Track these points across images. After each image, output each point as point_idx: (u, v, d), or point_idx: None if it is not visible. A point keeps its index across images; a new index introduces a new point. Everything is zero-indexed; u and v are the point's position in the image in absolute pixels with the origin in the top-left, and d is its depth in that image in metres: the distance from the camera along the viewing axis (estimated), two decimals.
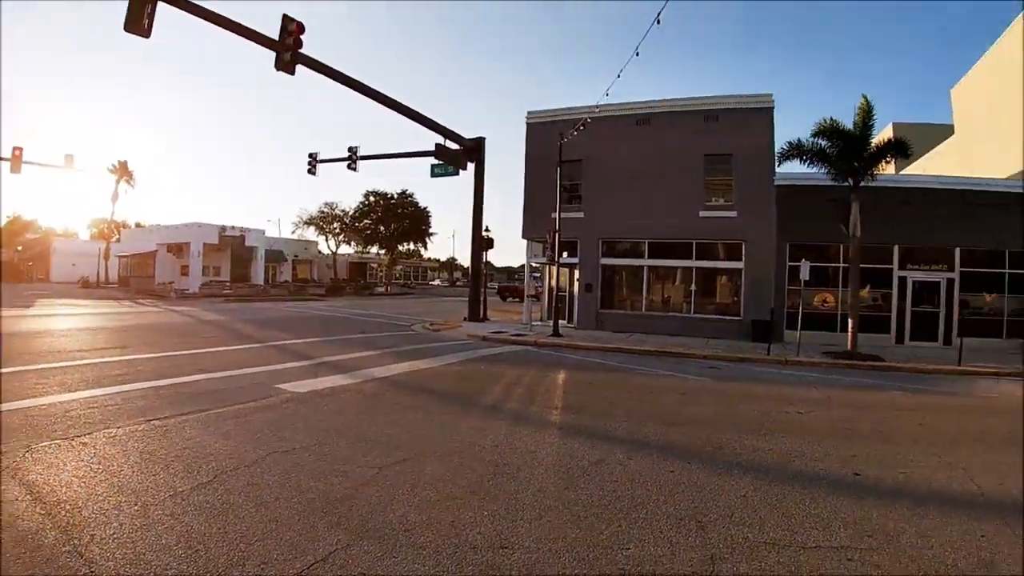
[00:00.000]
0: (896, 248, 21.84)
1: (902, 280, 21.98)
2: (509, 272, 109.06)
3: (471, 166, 26.43)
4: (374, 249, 70.62)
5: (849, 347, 18.07)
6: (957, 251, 21.88)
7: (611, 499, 5.27)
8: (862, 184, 18.61)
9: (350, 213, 65.95)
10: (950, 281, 21.91)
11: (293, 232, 68.60)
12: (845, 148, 18.39)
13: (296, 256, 67.30)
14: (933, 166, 33.65)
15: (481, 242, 27.21)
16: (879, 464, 6.79)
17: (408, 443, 6.82)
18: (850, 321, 18.27)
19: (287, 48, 17.84)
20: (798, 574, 3.99)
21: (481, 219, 26.76)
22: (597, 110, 21.24)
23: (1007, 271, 21.90)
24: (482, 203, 26.74)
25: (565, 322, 23.77)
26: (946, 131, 36.13)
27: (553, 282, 23.86)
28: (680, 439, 7.60)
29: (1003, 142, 27.38)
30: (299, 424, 7.48)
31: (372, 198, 65.37)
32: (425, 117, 24.05)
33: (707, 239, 23.01)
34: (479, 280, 27.11)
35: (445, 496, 5.15)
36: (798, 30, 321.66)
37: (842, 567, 4.12)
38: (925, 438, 8.34)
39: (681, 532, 4.58)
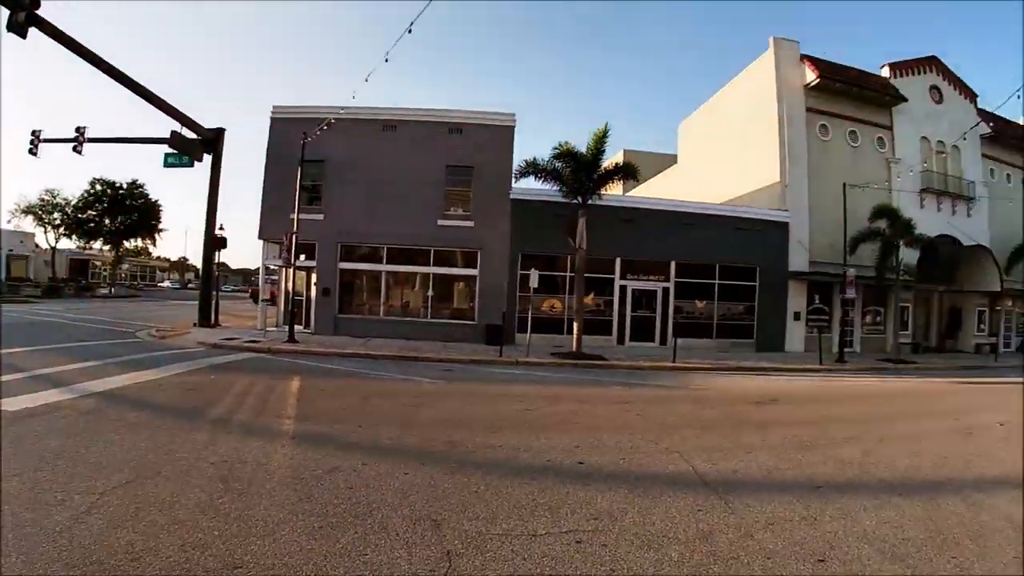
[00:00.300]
0: (618, 260, 24.39)
1: (623, 288, 24.59)
2: (246, 274, 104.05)
3: (208, 159, 24.42)
4: (98, 245, 62.53)
5: (575, 348, 19.57)
6: (673, 264, 25.01)
7: (347, 506, 5.13)
8: (590, 202, 20.36)
9: (72, 203, 57.94)
10: (666, 290, 24.98)
11: (9, 221, 58.27)
12: (577, 169, 19.91)
13: (11, 251, 57.43)
14: (659, 189, 38.22)
15: (214, 241, 25.28)
16: (601, 452, 7.29)
17: (131, 463, 6.06)
18: (575, 324, 19.89)
19: (22, 7, 15.11)
20: (530, 560, 4.15)
21: (215, 216, 24.68)
22: (342, 111, 20.73)
23: (716, 281, 25.68)
24: (216, 199, 24.72)
25: (302, 328, 22.86)
26: (672, 160, 41.86)
27: (290, 286, 22.91)
28: (414, 441, 7.57)
29: (716, 172, 32.10)
30: (7, 448, 6.32)
31: (99, 187, 57.72)
32: (161, 100, 21.41)
33: (445, 246, 23.57)
34: (210, 282, 25.18)
35: (172, 519, 4.68)
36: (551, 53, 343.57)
37: (571, 549, 4.36)
38: (643, 427, 9.09)
39: (417, 532, 4.60)
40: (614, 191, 23.37)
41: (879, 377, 19.98)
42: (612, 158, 24.83)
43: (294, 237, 20.40)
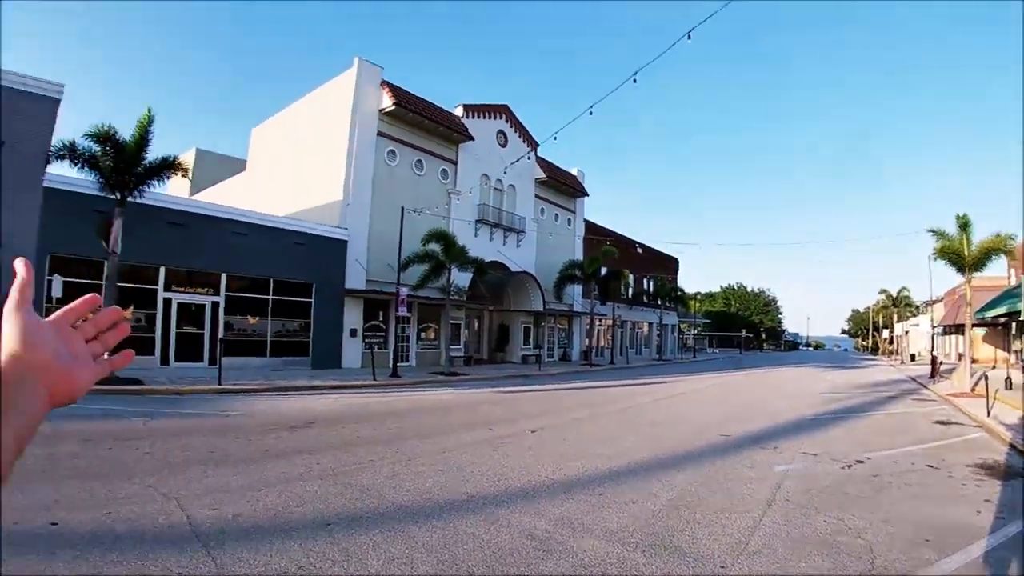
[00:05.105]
0: (163, 269, 22.50)
1: (168, 301, 22.72)
2: None
3: None
4: None
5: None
6: (224, 276, 24.26)
7: None
8: (132, 199, 18.66)
9: None
10: (216, 304, 24.06)
11: None
12: (118, 158, 18.07)
13: None
14: (227, 196, 37.25)
15: None
16: (84, 507, 6.30)
17: None
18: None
19: None
20: None
21: None
22: None
23: (271, 297, 25.66)
24: None
25: None
26: (244, 166, 41.79)
27: None
28: None
29: (283, 184, 32.51)
30: None
31: None
32: None
33: None
34: None
35: None
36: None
37: None
38: (147, 468, 8.14)
39: None
40: (178, 193, 21.94)
41: (430, 389, 21.46)
42: (182, 155, 23.23)
43: None
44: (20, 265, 0.82)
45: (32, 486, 6.86)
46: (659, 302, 56.25)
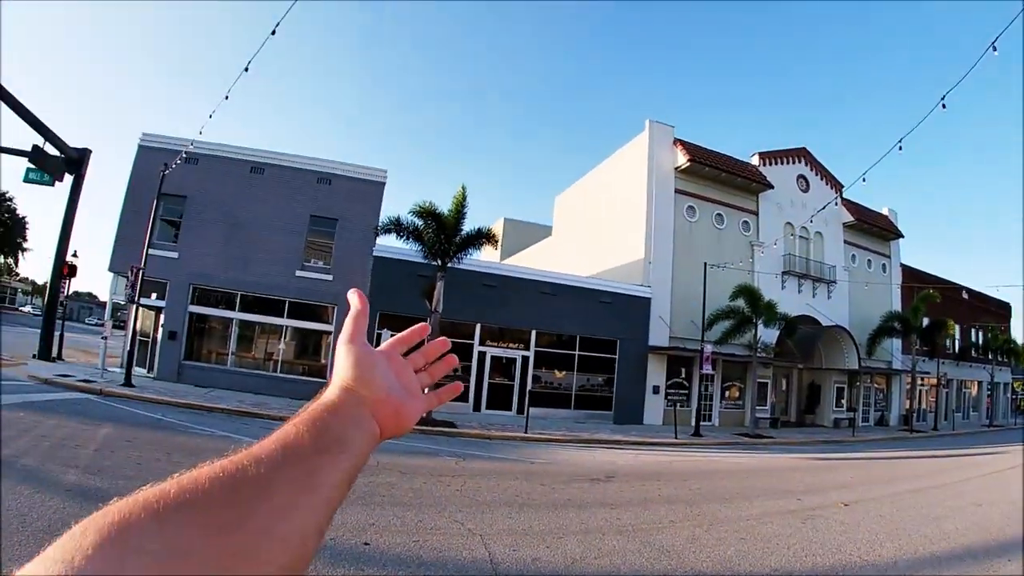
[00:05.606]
0: (479, 326, 24.99)
1: (482, 354, 25.11)
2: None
3: (69, 179, 23.58)
4: None
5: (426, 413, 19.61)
6: (534, 332, 25.88)
7: None
8: (451, 266, 20.72)
9: None
10: (525, 358, 25.66)
11: None
12: (439, 230, 20.19)
13: None
14: (534, 259, 39.89)
15: (63, 267, 24.46)
16: (396, 532, 6.81)
17: None
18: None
19: None
20: None
21: (68, 241, 23.93)
22: (201, 146, 20.57)
23: (577, 352, 26.55)
24: (72, 223, 23.99)
25: (146, 371, 22.37)
26: (548, 231, 44.29)
27: (138, 324, 22.32)
28: None
29: (586, 246, 33.91)
30: None
31: None
32: (26, 109, 20.64)
33: (301, 299, 23.45)
34: (54, 311, 24.29)
35: None
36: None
37: None
38: (455, 503, 8.60)
39: None
40: (489, 258, 24.00)
41: (733, 452, 20.70)
42: (491, 225, 25.39)
43: (140, 272, 19.95)
44: (354, 297, 0.84)
45: (350, 508, 7.34)
46: (989, 356, 46.77)
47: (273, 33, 12.52)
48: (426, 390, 0.89)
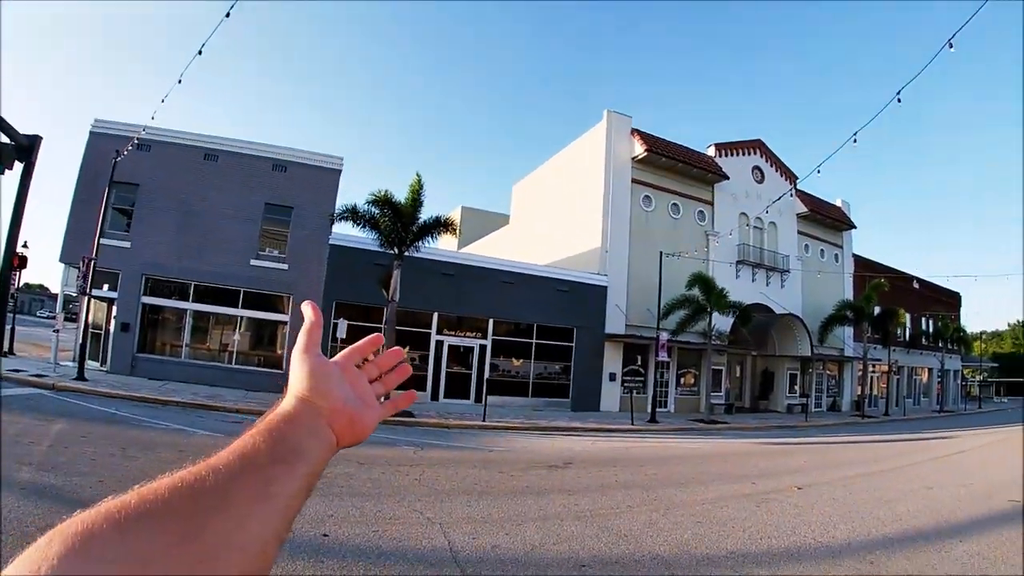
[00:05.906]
0: (436, 315, 25.02)
1: (439, 343, 25.16)
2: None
3: (19, 167, 22.89)
4: None
5: None
6: (491, 321, 26.05)
7: None
8: (408, 254, 20.62)
9: None
10: (483, 347, 25.83)
11: None
12: (395, 218, 20.09)
13: None
14: (491, 247, 40.10)
15: (13, 258, 23.82)
16: (356, 523, 6.79)
17: None
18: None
19: None
20: None
21: (18, 232, 23.29)
22: (161, 134, 20.37)
23: (534, 341, 26.81)
24: (22, 213, 23.41)
25: (99, 364, 21.98)
26: (506, 220, 44.72)
27: (90, 317, 21.88)
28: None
29: (543, 235, 34.21)
30: None
31: None
32: None
33: (257, 289, 23.18)
34: (4, 304, 23.66)
35: None
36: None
37: None
38: (415, 493, 8.61)
39: None
40: (447, 246, 23.97)
41: (688, 437, 20.84)
42: (449, 213, 25.38)
43: (91, 263, 19.52)
44: (307, 308, 0.84)
45: (309, 500, 7.09)
46: (939, 344, 48.90)
47: (228, 15, 12.47)
48: (381, 399, 0.90)
